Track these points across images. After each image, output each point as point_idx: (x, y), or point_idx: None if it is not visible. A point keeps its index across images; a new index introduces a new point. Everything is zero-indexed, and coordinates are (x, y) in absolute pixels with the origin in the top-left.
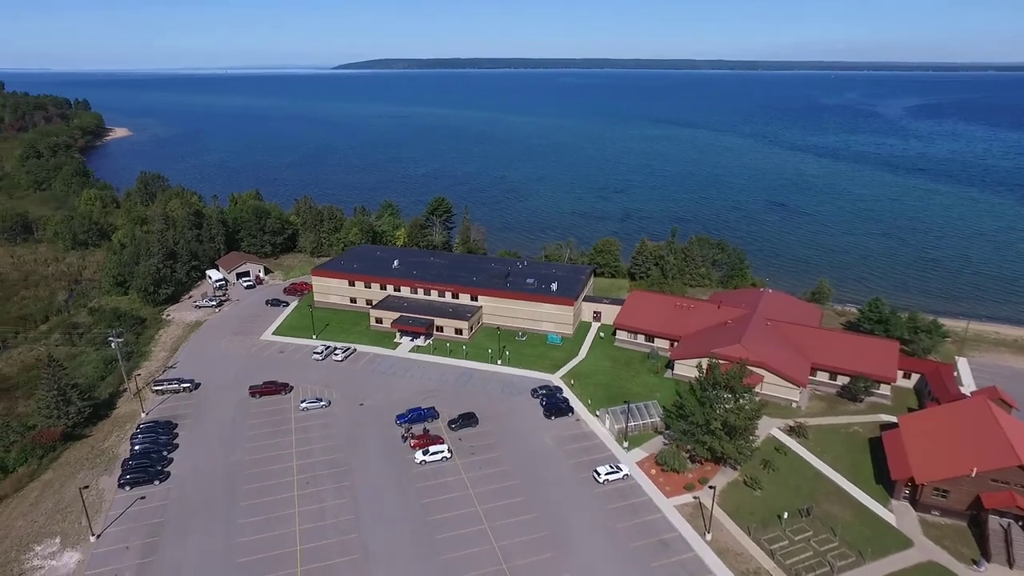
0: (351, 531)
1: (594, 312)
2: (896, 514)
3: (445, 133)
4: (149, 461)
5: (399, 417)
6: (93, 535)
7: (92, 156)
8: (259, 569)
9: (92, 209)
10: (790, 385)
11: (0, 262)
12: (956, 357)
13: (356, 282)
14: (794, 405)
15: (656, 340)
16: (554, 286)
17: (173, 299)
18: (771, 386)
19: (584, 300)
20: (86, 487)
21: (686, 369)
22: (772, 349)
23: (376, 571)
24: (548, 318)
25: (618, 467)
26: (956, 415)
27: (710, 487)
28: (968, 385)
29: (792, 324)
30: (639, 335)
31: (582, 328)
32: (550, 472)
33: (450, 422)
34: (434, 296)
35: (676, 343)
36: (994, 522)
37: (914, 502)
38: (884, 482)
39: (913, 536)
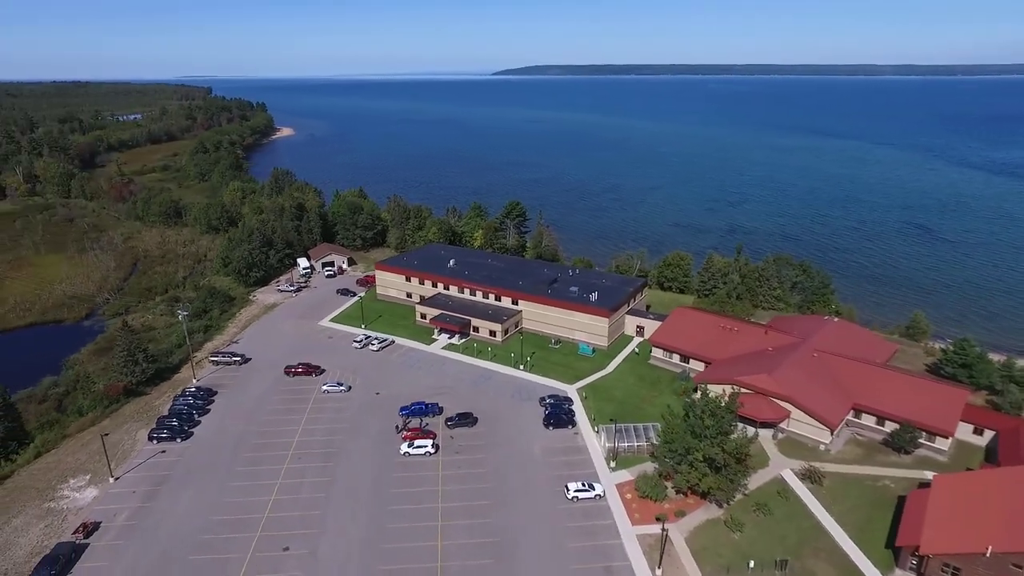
0: (316, 508)
1: (637, 326)
2: None
3: (574, 139)
4: (179, 421)
5: (402, 409)
6: (112, 477)
7: (258, 152)
8: (226, 528)
9: (233, 199)
10: (820, 425)
11: (150, 241)
12: None
13: (412, 278)
14: (822, 447)
15: (691, 361)
16: (593, 296)
17: (263, 282)
18: (799, 424)
19: (629, 313)
20: (107, 434)
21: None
22: (807, 383)
23: (322, 546)
24: (583, 328)
25: (591, 485)
26: (1001, 482)
27: (664, 526)
28: None
29: (845, 358)
30: (674, 355)
31: (622, 342)
32: (524, 481)
33: (447, 419)
34: (478, 297)
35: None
36: None
37: None
38: (895, 548)
39: None
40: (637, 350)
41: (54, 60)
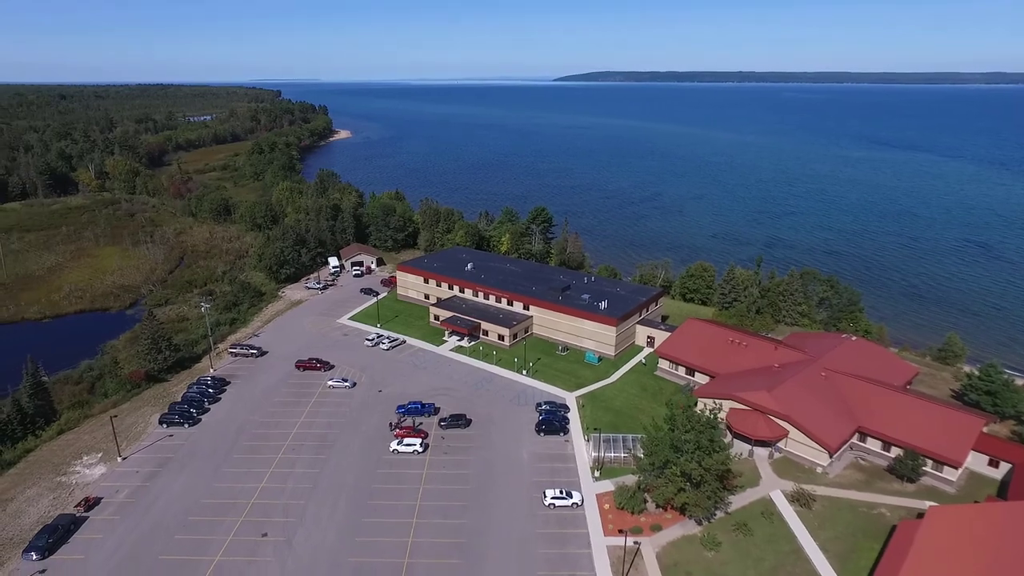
0: (300, 498)
1: (648, 337)
2: None
3: (623, 146)
4: (190, 407)
5: (399, 407)
6: (120, 457)
7: (315, 153)
8: (213, 511)
9: (280, 198)
10: (818, 447)
11: (198, 236)
12: None
13: (430, 280)
14: (819, 470)
15: (696, 374)
16: (603, 304)
17: (294, 279)
18: (797, 444)
19: (640, 324)
20: (115, 416)
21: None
22: (808, 403)
23: (298, 535)
24: (591, 336)
25: (569, 493)
26: (998, 519)
27: (627, 539)
28: None
29: (856, 378)
30: (680, 367)
31: (632, 352)
32: (506, 485)
33: (440, 420)
34: (491, 301)
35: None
36: None
37: None
38: None
39: None
40: (644, 361)
41: (141, 64)
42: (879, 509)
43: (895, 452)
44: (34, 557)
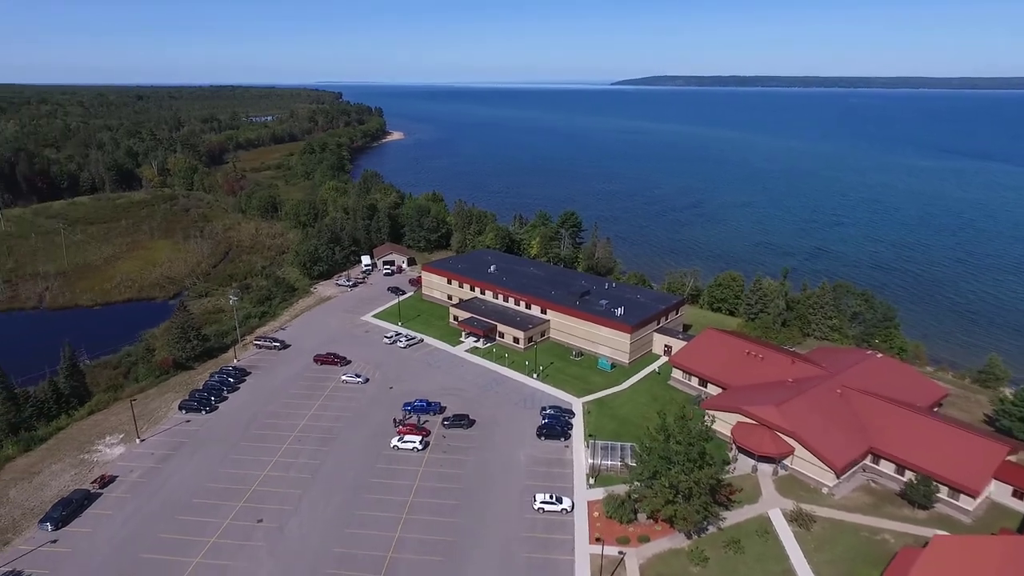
0: (298, 487)
1: (665, 345)
2: None
3: (673, 151)
4: (209, 395)
5: (406, 404)
6: (139, 439)
7: (366, 154)
8: (216, 495)
9: (326, 197)
10: (824, 467)
11: (244, 232)
12: None
13: (453, 281)
14: (825, 490)
15: (709, 386)
16: (619, 311)
17: (326, 276)
18: (803, 462)
19: (658, 332)
20: (134, 399)
21: (718, 423)
22: (818, 420)
23: (291, 522)
24: (606, 342)
25: (559, 499)
26: (1003, 553)
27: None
28: None
29: (874, 397)
30: (693, 377)
31: (647, 360)
32: (499, 487)
33: (443, 419)
34: (510, 303)
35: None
36: None
37: None
38: None
39: None
40: (659, 370)
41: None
42: (883, 535)
43: (909, 476)
44: (48, 527)
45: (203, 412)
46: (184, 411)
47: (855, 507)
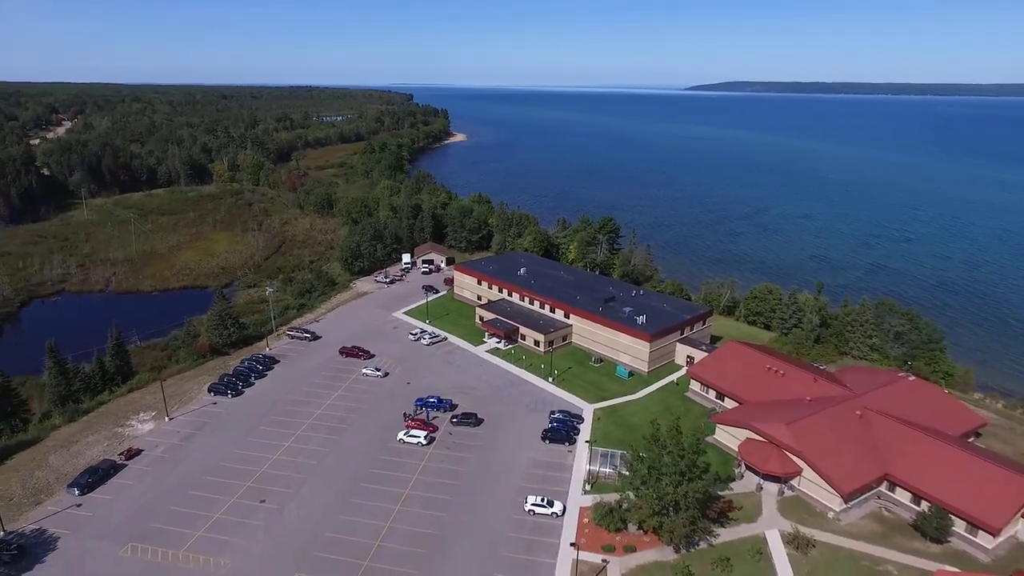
0: (303, 472)
1: (687, 356)
2: None
3: (742, 159)
4: (236, 380)
5: (418, 400)
6: (168, 417)
7: (428, 155)
8: (227, 474)
9: (379, 196)
10: (831, 490)
11: (299, 227)
12: None
13: (483, 282)
14: (831, 515)
15: (726, 399)
16: (641, 319)
17: (366, 272)
18: (810, 484)
19: (681, 342)
20: (164, 380)
21: (727, 437)
22: (830, 442)
23: (290, 505)
24: (626, 350)
25: (551, 502)
26: None
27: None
28: None
29: (896, 421)
30: (710, 390)
31: (667, 370)
32: (494, 487)
33: (452, 416)
34: (535, 306)
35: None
36: None
37: None
38: None
39: None
40: (677, 381)
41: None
42: (886, 566)
43: (925, 507)
44: (76, 492)
45: (229, 395)
46: (212, 394)
47: (861, 535)
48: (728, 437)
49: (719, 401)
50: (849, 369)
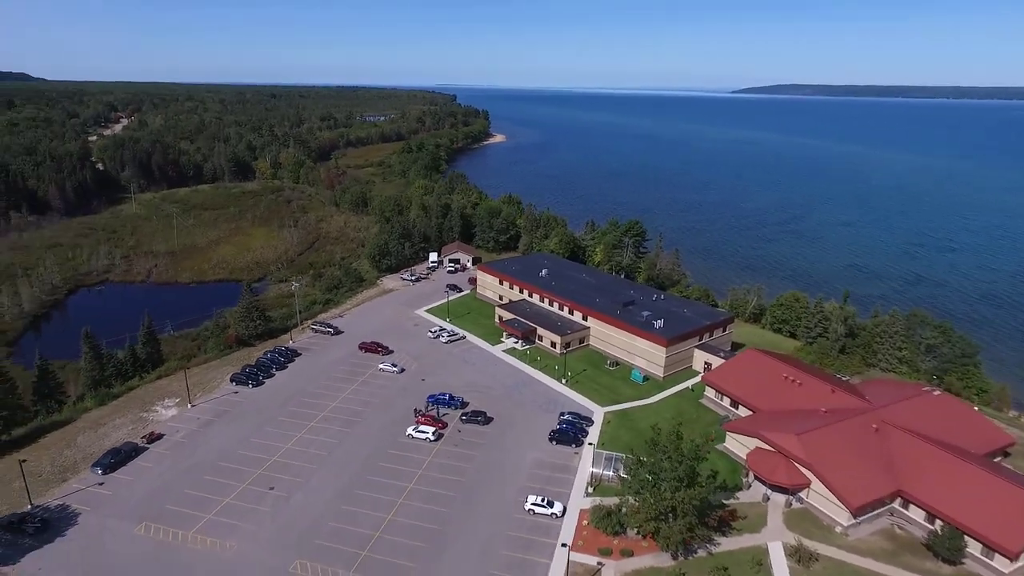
0: (314, 462)
1: (705, 362)
2: None
3: (783, 163)
4: (258, 371)
5: (430, 396)
6: (190, 404)
7: (467, 155)
8: (241, 461)
9: (413, 195)
10: (840, 504)
11: (334, 224)
12: None
13: (504, 282)
14: (838, 529)
15: (740, 408)
16: (658, 323)
17: (393, 270)
18: (819, 497)
19: (699, 348)
20: (189, 367)
21: (737, 446)
22: (841, 455)
23: (298, 494)
24: (642, 354)
25: (551, 502)
26: None
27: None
28: None
29: (915, 436)
30: (725, 397)
31: (684, 375)
32: (497, 485)
33: (462, 414)
34: (554, 308)
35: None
36: None
37: None
38: None
39: None
40: (693, 388)
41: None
42: None
43: (939, 526)
44: (99, 472)
45: (250, 386)
46: (234, 383)
47: (868, 551)
48: (738, 446)
49: (733, 409)
50: (872, 381)
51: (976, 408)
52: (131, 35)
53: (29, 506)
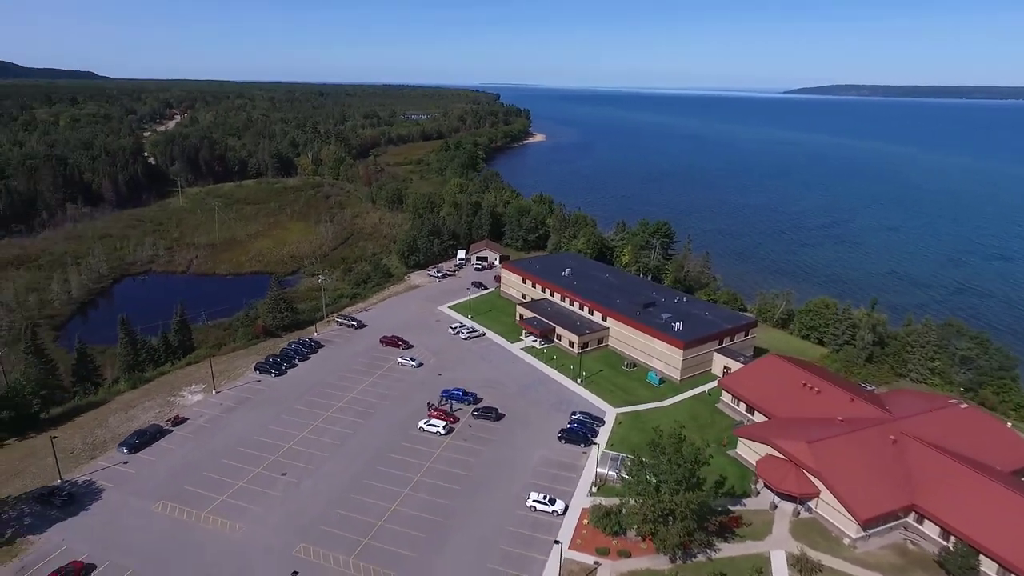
0: (326, 451)
1: (724, 367)
2: None
3: (831, 165)
4: (281, 361)
5: (444, 391)
6: (215, 391)
7: (506, 154)
8: (258, 447)
9: (447, 193)
10: (848, 516)
11: (369, 220)
12: None
13: (527, 280)
14: (846, 542)
15: (756, 413)
16: (677, 325)
17: (422, 266)
18: (828, 507)
19: (719, 351)
20: (214, 355)
21: (749, 452)
22: (854, 465)
23: (308, 480)
24: (660, 356)
25: (553, 500)
26: None
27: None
28: None
29: (935, 450)
30: (741, 403)
31: (702, 379)
32: (502, 481)
33: (474, 410)
34: (575, 307)
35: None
36: None
37: None
38: None
39: None
40: (709, 392)
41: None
42: None
43: (953, 543)
44: (124, 451)
45: (273, 375)
46: (258, 372)
47: (876, 565)
48: (750, 452)
49: (748, 414)
50: (897, 392)
51: (1009, 424)
52: (193, 35)
53: (59, 480)
